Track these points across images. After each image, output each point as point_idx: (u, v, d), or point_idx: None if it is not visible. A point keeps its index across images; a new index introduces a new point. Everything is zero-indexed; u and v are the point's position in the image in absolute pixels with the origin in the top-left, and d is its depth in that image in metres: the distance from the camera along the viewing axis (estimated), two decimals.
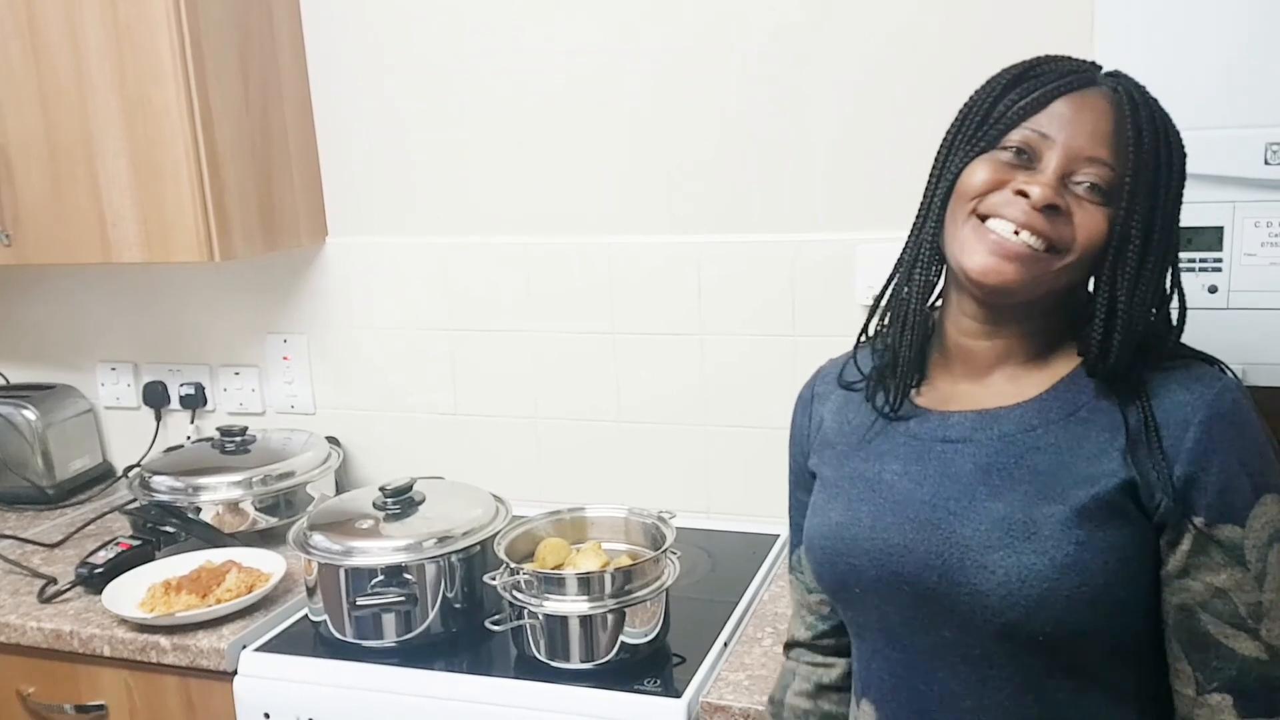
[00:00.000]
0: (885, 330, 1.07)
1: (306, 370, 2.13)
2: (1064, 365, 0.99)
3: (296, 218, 1.99)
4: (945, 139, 1.02)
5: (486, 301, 1.98)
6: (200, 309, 2.17)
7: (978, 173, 0.96)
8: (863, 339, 1.12)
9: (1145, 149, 0.93)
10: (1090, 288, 0.98)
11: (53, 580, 1.74)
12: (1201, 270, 1.27)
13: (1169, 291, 0.98)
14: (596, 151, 1.87)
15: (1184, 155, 0.97)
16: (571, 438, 1.98)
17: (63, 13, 1.76)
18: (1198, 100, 1.23)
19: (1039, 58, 0.99)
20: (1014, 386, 1.00)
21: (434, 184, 1.98)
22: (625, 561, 1.48)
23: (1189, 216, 1.25)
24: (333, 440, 2.09)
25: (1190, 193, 1.24)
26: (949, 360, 1.04)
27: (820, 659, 1.18)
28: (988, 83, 1.00)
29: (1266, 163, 1.21)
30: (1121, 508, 0.91)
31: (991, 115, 0.98)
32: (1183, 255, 1.26)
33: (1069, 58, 0.99)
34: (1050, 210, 0.92)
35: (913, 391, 1.05)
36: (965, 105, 1.01)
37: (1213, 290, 1.27)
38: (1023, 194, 0.93)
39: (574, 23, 1.83)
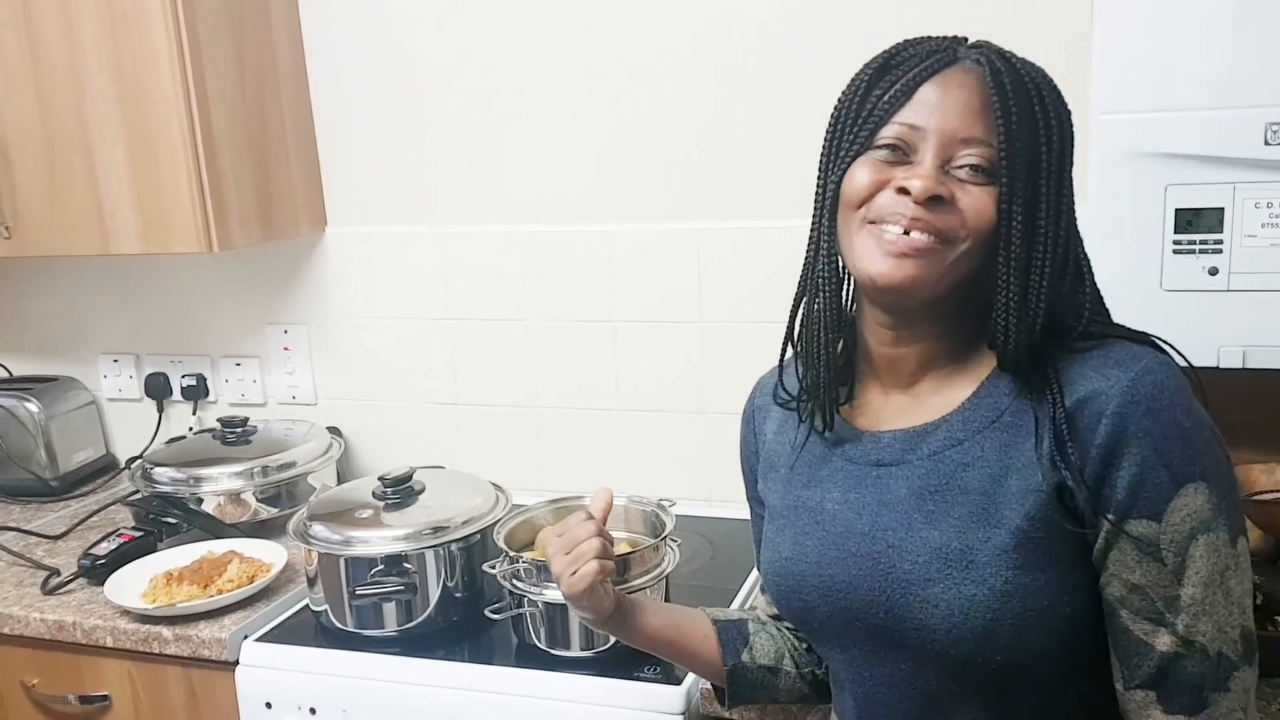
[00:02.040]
0: (803, 348, 1.03)
1: (307, 360, 2.13)
2: (985, 366, 0.95)
3: (295, 207, 1.99)
4: (823, 146, 0.98)
5: (486, 290, 1.98)
6: (201, 300, 2.17)
7: (857, 176, 0.93)
8: (788, 355, 1.07)
9: (1015, 116, 0.88)
10: None
11: (56, 572, 1.74)
12: (1202, 252, 1.25)
13: (1073, 266, 0.92)
14: (593, 139, 1.86)
15: (1066, 114, 0.92)
16: (571, 426, 1.98)
17: (58, 2, 1.75)
18: (1197, 81, 1.22)
19: (898, 45, 0.95)
20: (941, 396, 0.96)
21: (433, 173, 1.97)
22: (625, 549, 1.47)
23: (1190, 198, 1.25)
24: (334, 430, 2.09)
25: (1190, 174, 1.24)
26: (876, 372, 1.01)
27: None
28: (852, 81, 0.96)
29: (1267, 143, 1.20)
30: (1055, 521, 0.88)
31: (861, 115, 0.94)
32: (1183, 237, 1.26)
33: (929, 38, 0.95)
34: (934, 202, 0.89)
35: (848, 408, 1.02)
36: (835, 108, 0.97)
37: (1213, 272, 1.25)
38: (904, 191, 0.89)
39: (569, 12, 1.82)
